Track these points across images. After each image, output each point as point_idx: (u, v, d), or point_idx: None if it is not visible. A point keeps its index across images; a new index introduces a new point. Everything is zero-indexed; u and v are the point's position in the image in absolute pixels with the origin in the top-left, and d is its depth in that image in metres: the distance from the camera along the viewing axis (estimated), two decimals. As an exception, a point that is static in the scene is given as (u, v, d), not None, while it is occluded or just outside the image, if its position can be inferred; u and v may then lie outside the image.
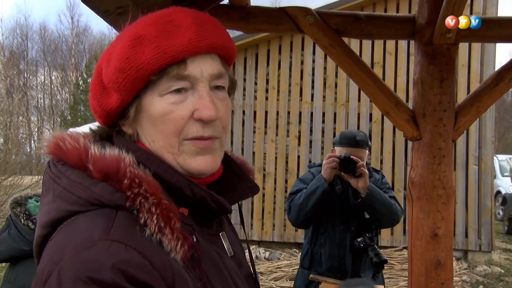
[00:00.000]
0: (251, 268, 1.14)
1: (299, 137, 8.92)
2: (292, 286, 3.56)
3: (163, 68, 0.91)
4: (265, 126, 8.96)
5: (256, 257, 8.28)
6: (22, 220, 2.27)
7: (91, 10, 2.05)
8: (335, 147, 3.37)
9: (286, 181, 8.88)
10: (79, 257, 0.79)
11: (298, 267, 3.50)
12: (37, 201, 2.37)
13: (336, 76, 8.84)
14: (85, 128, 1.16)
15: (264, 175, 8.83)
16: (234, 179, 1.09)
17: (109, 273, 0.76)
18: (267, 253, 8.49)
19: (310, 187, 3.18)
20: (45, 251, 0.88)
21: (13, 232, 2.30)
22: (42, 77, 38.34)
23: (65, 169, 0.91)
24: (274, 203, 8.84)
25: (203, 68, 0.94)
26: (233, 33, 6.81)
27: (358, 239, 3.11)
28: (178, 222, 0.87)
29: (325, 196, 3.13)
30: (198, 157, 0.95)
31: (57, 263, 0.80)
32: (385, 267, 3.46)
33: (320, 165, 3.52)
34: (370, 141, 8.65)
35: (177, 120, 0.93)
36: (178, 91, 0.93)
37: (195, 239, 0.89)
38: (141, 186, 0.86)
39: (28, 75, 37.45)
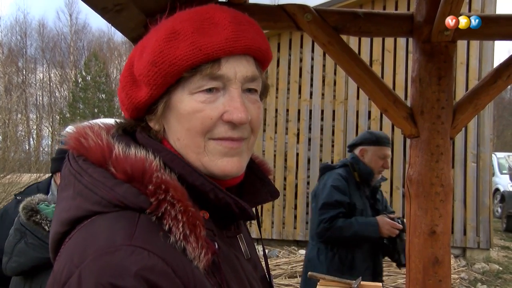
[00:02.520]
0: (265, 269, 1.13)
1: (297, 135, 8.93)
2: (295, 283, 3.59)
3: (197, 66, 0.89)
4: (264, 124, 8.95)
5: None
6: (46, 228, 2.20)
7: (89, 8, 2.05)
8: (367, 146, 3.43)
9: (284, 179, 8.89)
10: (101, 261, 0.76)
11: (296, 264, 3.50)
12: (47, 206, 2.32)
13: (335, 73, 8.85)
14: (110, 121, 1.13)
15: (263, 173, 8.82)
16: (257, 182, 1.07)
17: (132, 280, 0.74)
18: (266, 251, 8.50)
19: (363, 230, 3.23)
20: (64, 250, 0.86)
21: (32, 241, 2.22)
22: (41, 74, 38.30)
23: (87, 166, 0.89)
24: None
25: (237, 69, 0.91)
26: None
27: (386, 240, 3.27)
28: (204, 230, 0.85)
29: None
30: (224, 158, 0.93)
31: (77, 265, 0.78)
32: (383, 265, 3.54)
33: (342, 166, 3.52)
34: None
35: (205, 119, 0.91)
36: (209, 90, 0.91)
37: (217, 246, 0.87)
38: (167, 192, 0.84)
39: (26, 73, 37.42)
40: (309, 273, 3.01)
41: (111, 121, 1.03)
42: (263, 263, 1.14)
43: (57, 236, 0.91)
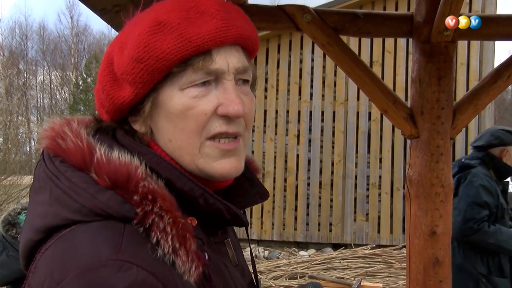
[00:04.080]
0: (252, 274, 1.08)
1: (298, 136, 8.92)
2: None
3: (187, 59, 0.82)
4: (264, 125, 8.96)
5: (256, 256, 8.28)
6: None
7: (89, 9, 2.05)
8: (510, 147, 3.44)
9: (285, 180, 8.88)
10: (85, 279, 0.70)
11: (297, 266, 3.49)
12: None
13: (335, 75, 8.85)
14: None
15: (263, 174, 8.83)
16: (245, 183, 1.00)
17: None
18: (266, 252, 8.49)
19: (505, 242, 3.23)
20: (41, 262, 0.78)
21: (13, 254, 2.23)
22: (42, 76, 38.38)
23: (65, 169, 0.81)
24: (273, 202, 8.85)
25: (229, 60, 0.85)
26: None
27: None
28: (194, 242, 0.79)
29: None
30: (222, 160, 0.87)
31: (58, 283, 0.71)
32: (384, 266, 3.52)
33: (479, 164, 3.46)
34: (369, 140, 8.68)
35: (199, 116, 0.84)
36: (202, 84, 0.84)
37: (207, 257, 0.82)
38: (155, 203, 0.77)
39: (27, 75, 37.46)
40: (309, 274, 3.01)
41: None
42: (251, 267, 1.09)
43: (30, 244, 0.84)
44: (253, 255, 1.16)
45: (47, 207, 0.81)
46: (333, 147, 8.84)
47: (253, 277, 1.07)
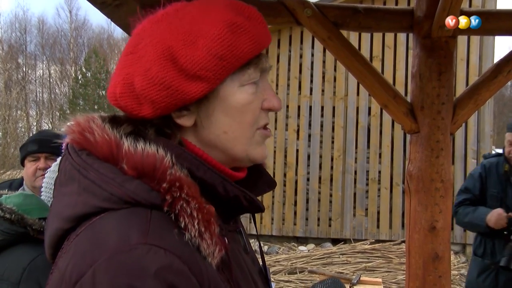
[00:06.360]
0: (261, 263, 1.13)
1: (297, 131, 8.92)
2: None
3: (251, 58, 0.91)
4: (264, 120, 8.95)
5: (255, 251, 8.29)
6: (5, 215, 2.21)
7: (89, 4, 2.04)
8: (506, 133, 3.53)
9: (284, 175, 8.88)
10: (117, 260, 0.74)
11: (296, 260, 3.52)
12: (8, 196, 2.30)
13: (335, 70, 8.84)
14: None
15: (263, 169, 8.83)
16: (253, 174, 1.06)
17: (151, 280, 0.73)
18: (266, 247, 8.51)
19: (474, 218, 3.38)
20: (72, 247, 0.82)
21: None
22: (41, 71, 38.31)
23: (92, 161, 0.85)
24: (273, 197, 8.85)
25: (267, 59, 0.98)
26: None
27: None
28: (217, 226, 0.84)
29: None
30: (262, 146, 0.98)
31: (90, 264, 0.75)
32: (383, 261, 3.57)
33: (496, 155, 3.63)
34: (369, 135, 8.68)
35: (255, 110, 0.94)
36: (254, 82, 0.94)
37: (227, 242, 0.86)
38: (182, 189, 0.82)
39: (26, 69, 37.39)
40: (309, 269, 3.04)
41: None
42: (259, 258, 1.14)
43: (59, 233, 0.87)
44: (261, 247, 1.23)
45: (76, 197, 0.85)
46: (332, 142, 8.85)
47: (262, 266, 1.13)
